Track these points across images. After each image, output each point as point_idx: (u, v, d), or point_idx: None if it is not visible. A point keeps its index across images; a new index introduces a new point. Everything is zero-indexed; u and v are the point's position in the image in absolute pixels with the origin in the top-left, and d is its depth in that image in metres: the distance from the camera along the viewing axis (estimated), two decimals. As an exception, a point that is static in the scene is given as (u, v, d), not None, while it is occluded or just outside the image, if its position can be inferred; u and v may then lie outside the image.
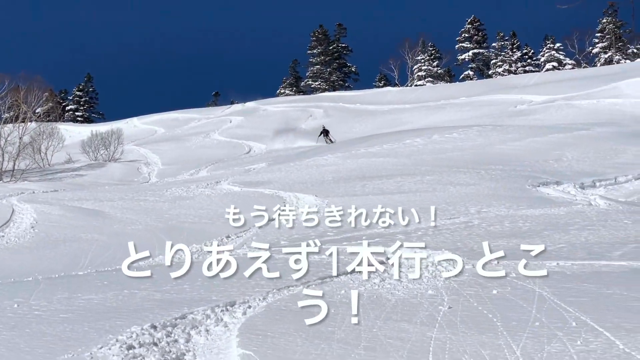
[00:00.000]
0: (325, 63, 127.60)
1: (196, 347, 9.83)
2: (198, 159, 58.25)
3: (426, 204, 24.39)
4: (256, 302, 12.04)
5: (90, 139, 67.14)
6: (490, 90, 76.84)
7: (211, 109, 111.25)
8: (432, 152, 37.68)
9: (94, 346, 9.44)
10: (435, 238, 18.04)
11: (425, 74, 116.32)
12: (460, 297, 11.61)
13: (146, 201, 32.92)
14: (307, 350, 9.19)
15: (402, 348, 9.15)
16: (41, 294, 13.51)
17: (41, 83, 67.70)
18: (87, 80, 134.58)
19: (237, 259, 12.90)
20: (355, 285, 13.08)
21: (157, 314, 11.20)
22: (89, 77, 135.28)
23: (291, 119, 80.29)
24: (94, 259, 22.48)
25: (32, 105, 60.95)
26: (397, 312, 10.92)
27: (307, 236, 21.45)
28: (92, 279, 16.00)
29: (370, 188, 29.26)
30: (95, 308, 11.96)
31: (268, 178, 36.67)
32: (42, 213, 30.15)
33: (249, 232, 24.24)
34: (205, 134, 76.46)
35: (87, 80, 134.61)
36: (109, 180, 50.80)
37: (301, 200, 29.16)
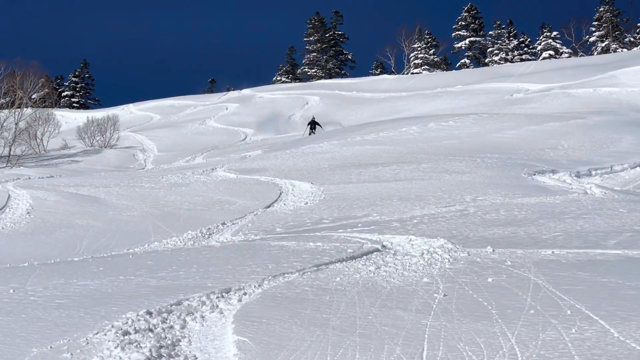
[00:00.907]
0: (321, 50, 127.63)
1: (192, 333, 9.83)
2: (194, 145, 58.29)
3: (422, 191, 24.46)
4: (252, 289, 12.03)
5: (86, 125, 67.15)
6: (486, 78, 76.89)
7: (207, 95, 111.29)
8: (428, 140, 37.69)
9: (89, 332, 9.44)
10: (431, 226, 18.05)
11: (422, 62, 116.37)
12: (455, 285, 11.62)
13: (142, 188, 32.91)
14: (303, 337, 9.20)
15: (397, 335, 9.16)
16: (37, 279, 13.51)
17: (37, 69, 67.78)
18: (83, 66, 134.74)
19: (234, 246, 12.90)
20: (350, 273, 13.09)
21: (153, 300, 11.20)
22: (85, 63, 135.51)
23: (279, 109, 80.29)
24: (90, 245, 22.51)
25: (28, 91, 60.97)
26: (393, 300, 10.93)
27: (302, 223, 21.48)
28: (88, 265, 15.99)
29: (366, 176, 29.27)
30: (91, 294, 11.95)
31: (264, 165, 36.67)
32: (37, 199, 30.15)
33: (245, 219, 24.27)
34: (201, 121, 76.49)
35: (83, 66, 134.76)
36: (104, 167, 50.82)
37: (297, 188, 29.17)
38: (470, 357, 8.24)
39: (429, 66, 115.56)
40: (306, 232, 19.42)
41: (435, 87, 76.58)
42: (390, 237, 17.02)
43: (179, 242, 21.19)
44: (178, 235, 22.54)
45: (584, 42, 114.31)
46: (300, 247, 16.42)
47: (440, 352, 8.46)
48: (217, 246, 18.32)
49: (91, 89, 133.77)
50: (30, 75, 61.90)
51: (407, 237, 16.66)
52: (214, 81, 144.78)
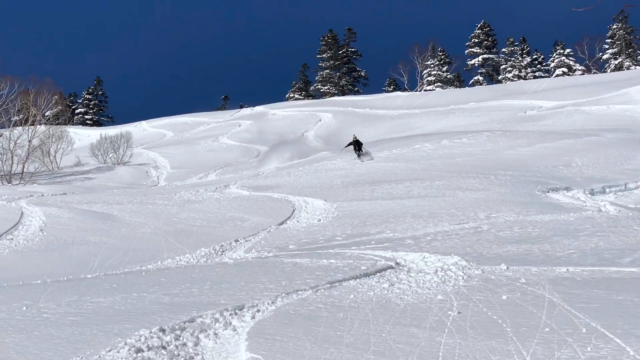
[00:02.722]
0: (334, 67, 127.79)
1: (205, 350, 9.81)
2: (207, 162, 58.35)
3: (435, 208, 24.40)
4: (265, 306, 11.99)
5: (100, 142, 67.33)
6: (499, 95, 76.83)
7: (220, 112, 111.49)
8: (441, 157, 37.67)
9: (102, 349, 9.42)
10: (445, 243, 17.99)
11: (435, 79, 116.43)
12: (469, 303, 11.56)
13: (155, 204, 32.94)
14: (317, 355, 9.15)
15: (411, 353, 9.11)
16: (50, 296, 13.52)
17: (51, 86, 67.99)
18: (96, 83, 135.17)
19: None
20: (364, 290, 13.03)
21: (166, 317, 11.19)
22: (99, 80, 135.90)
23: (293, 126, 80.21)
24: (103, 261, 22.52)
25: (42, 108, 61.14)
26: (406, 317, 10.88)
27: (316, 240, 21.45)
28: (101, 282, 15.99)
29: (379, 193, 29.26)
30: (104, 311, 11.94)
31: (277, 182, 36.68)
32: (51, 216, 30.20)
33: (258, 236, 24.24)
34: (214, 138, 76.55)
35: (97, 83, 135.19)
36: (117, 184, 50.88)
37: (310, 205, 29.15)
38: (485, 375, 8.17)
39: (442, 83, 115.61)
40: (319, 249, 19.39)
41: (448, 104, 76.56)
42: (404, 254, 16.96)
43: (192, 259, 21.18)
44: (191, 252, 22.53)
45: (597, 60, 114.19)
46: (314, 264, 16.38)
47: (454, 370, 8.39)
48: (230, 263, 18.28)
49: (104, 106, 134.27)
50: (44, 92, 62.19)
51: (420, 255, 16.59)
52: (227, 98, 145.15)
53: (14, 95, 58.67)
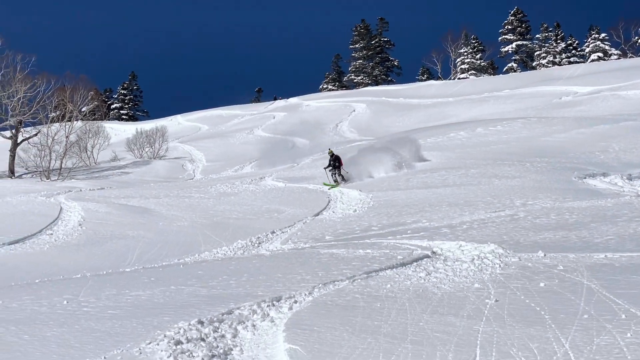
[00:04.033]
0: (367, 57, 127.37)
1: (243, 342, 9.84)
2: (242, 155, 58.45)
3: (471, 197, 24.32)
4: (302, 297, 12.02)
5: (135, 137, 67.70)
6: (534, 82, 76.26)
7: (254, 105, 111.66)
8: (476, 145, 37.52)
9: (142, 342, 9.49)
10: (481, 231, 17.93)
11: (468, 67, 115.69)
12: (507, 290, 11.52)
13: (191, 198, 33.12)
14: (354, 345, 9.16)
15: (449, 342, 9.09)
16: (90, 290, 13.64)
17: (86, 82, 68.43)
18: (131, 78, 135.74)
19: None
20: (401, 279, 13.03)
21: (204, 309, 11.24)
22: (133, 75, 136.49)
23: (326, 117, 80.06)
24: (141, 255, 22.69)
25: (78, 104, 61.49)
26: (444, 306, 10.86)
27: (352, 231, 21.47)
28: (140, 275, 16.12)
29: (415, 182, 29.20)
30: (143, 304, 12.03)
31: (312, 173, 36.74)
32: (89, 211, 30.46)
33: (294, 227, 24.30)
34: (249, 130, 76.72)
35: (132, 78, 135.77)
36: (154, 178, 51.17)
37: (345, 195, 29.17)
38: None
39: (475, 71, 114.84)
40: (355, 239, 19.39)
41: (482, 91, 76.15)
42: (440, 243, 16.92)
43: (229, 252, 21.27)
44: (228, 244, 22.64)
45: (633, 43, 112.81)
46: (350, 254, 16.40)
47: (493, 358, 8.37)
48: (267, 255, 18.35)
49: (139, 100, 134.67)
50: (80, 88, 62.53)
51: (457, 243, 16.55)
52: (260, 90, 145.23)
53: (50, 92, 59.10)
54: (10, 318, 10.94)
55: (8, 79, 56.97)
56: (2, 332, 9.97)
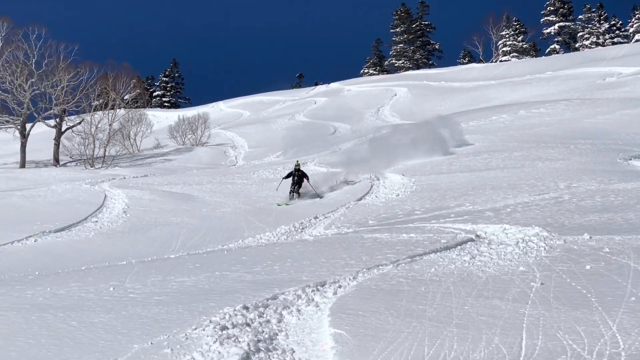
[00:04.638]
0: (408, 41, 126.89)
1: (288, 327, 9.88)
2: (284, 141, 58.51)
3: (514, 180, 24.16)
4: (346, 282, 12.02)
5: (178, 124, 68.10)
6: (577, 63, 75.43)
7: (295, 90, 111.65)
8: (519, 128, 37.25)
9: (188, 327, 9.56)
10: (525, 214, 17.82)
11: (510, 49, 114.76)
12: (552, 273, 11.45)
13: (234, 184, 33.25)
14: (399, 329, 9.16)
15: (494, 325, 9.06)
16: (135, 277, 13.75)
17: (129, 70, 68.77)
18: (172, 66, 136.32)
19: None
20: (445, 263, 13.00)
21: (249, 295, 11.29)
22: (175, 62, 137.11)
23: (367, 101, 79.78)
24: (185, 242, 22.83)
25: (121, 92, 61.93)
26: (489, 289, 10.83)
27: (395, 215, 21.44)
28: (184, 261, 16.21)
29: (457, 166, 29.07)
30: (188, 290, 12.11)
31: (354, 157, 36.65)
32: (133, 198, 30.70)
33: (337, 212, 24.31)
34: (291, 116, 76.77)
35: (173, 66, 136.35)
36: (197, 164, 51.44)
37: (388, 180, 29.11)
38: (571, 345, 8.10)
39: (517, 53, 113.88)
40: (399, 223, 19.37)
41: (524, 74, 75.49)
42: (484, 226, 16.85)
43: (273, 237, 21.34)
44: (271, 230, 22.71)
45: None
46: (394, 238, 16.39)
47: (539, 341, 8.33)
48: (310, 240, 18.38)
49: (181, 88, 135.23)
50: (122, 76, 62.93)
51: (501, 226, 16.47)
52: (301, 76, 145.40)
53: (93, 81, 59.61)
54: (59, 305, 11.07)
55: (52, 68, 57.62)
56: (51, 318, 10.09)
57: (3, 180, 39.96)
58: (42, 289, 12.65)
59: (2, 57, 55.97)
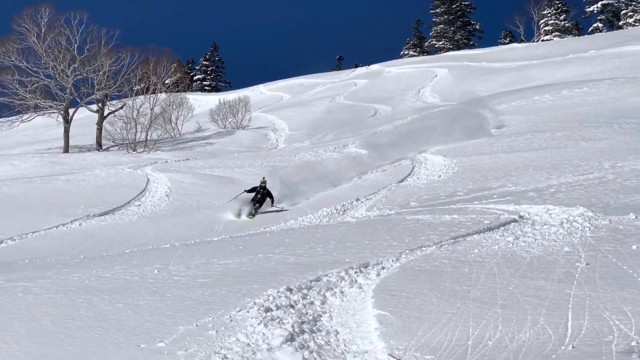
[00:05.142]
0: (448, 22, 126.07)
1: (332, 308, 9.90)
2: (324, 123, 58.45)
3: (558, 160, 23.96)
4: (389, 263, 12.01)
5: (219, 108, 68.21)
6: (621, 41, 74.41)
7: (336, 73, 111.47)
8: (562, 108, 36.87)
9: (232, 309, 9.60)
10: (569, 194, 17.67)
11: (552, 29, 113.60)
12: (597, 254, 11.35)
13: (275, 167, 33.30)
14: (443, 310, 9.14)
15: (539, 305, 9.01)
16: (179, 259, 13.84)
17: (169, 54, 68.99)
18: (213, 49, 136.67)
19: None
20: (488, 244, 12.93)
21: (292, 277, 11.33)
22: (215, 46, 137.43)
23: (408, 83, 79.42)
24: (228, 224, 22.94)
25: (162, 76, 62.14)
26: (533, 270, 10.76)
27: (437, 196, 21.36)
28: (227, 244, 16.29)
29: (500, 146, 28.88)
30: (232, 272, 12.16)
31: (395, 140, 36.54)
32: (175, 181, 30.88)
33: (379, 194, 24.28)
34: (331, 98, 76.64)
35: (213, 49, 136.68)
36: (238, 148, 51.56)
37: (429, 161, 29.01)
38: (618, 326, 8.03)
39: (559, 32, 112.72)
40: (441, 205, 19.31)
41: (567, 53, 74.62)
42: (527, 207, 16.74)
43: (315, 219, 21.37)
44: (313, 212, 22.74)
45: None
46: (436, 220, 16.34)
47: (585, 321, 8.27)
48: (352, 222, 18.38)
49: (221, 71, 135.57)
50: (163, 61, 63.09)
51: (544, 207, 16.35)
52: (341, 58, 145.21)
53: (134, 65, 59.87)
54: (104, 287, 11.17)
55: (93, 53, 57.94)
56: (97, 301, 10.18)
57: (47, 165, 40.36)
58: (87, 272, 12.79)
59: (45, 43, 56.37)
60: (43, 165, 39.87)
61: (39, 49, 56.28)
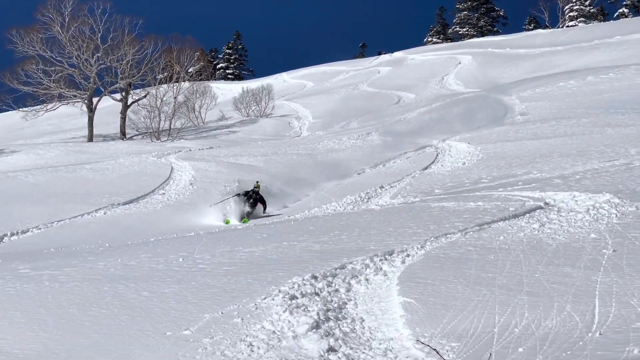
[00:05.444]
0: (472, 9, 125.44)
1: (357, 295, 9.89)
2: (348, 111, 58.36)
3: (583, 146, 23.81)
4: (414, 251, 11.98)
5: (242, 96, 68.17)
6: (646, 27, 73.82)
7: (359, 60, 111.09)
8: (587, 94, 36.63)
9: (257, 297, 9.61)
10: (595, 181, 17.55)
11: (577, 14, 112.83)
12: (624, 240, 11.27)
13: (299, 155, 33.30)
14: (469, 297, 9.11)
15: (566, 293, 8.96)
16: (204, 248, 13.86)
17: (192, 43, 68.92)
18: (235, 38, 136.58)
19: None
20: (514, 231, 12.86)
21: (317, 264, 11.32)
22: (238, 35, 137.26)
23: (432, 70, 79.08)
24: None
25: (185, 65, 62.19)
26: (559, 257, 10.70)
27: (461, 184, 21.29)
28: (252, 232, 16.30)
29: (524, 133, 28.74)
30: (257, 260, 12.17)
31: (419, 126, 36.47)
32: (199, 170, 30.95)
33: (403, 182, 24.23)
34: (354, 86, 76.42)
35: (236, 38, 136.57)
36: (261, 136, 51.57)
37: (454, 148, 28.91)
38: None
39: (584, 18, 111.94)
40: (465, 192, 19.23)
41: (592, 39, 74.03)
42: (553, 194, 16.64)
43: (339, 207, 21.35)
44: (337, 200, 22.71)
45: None
46: (461, 207, 16.26)
47: (612, 308, 8.22)
48: (377, 209, 18.34)
49: (244, 59, 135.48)
50: (186, 49, 63.13)
51: (570, 194, 16.24)
52: (364, 46, 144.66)
53: (158, 54, 59.92)
54: (130, 275, 11.21)
55: (117, 42, 58.02)
56: (122, 289, 10.22)
57: (72, 154, 40.54)
58: (113, 260, 12.83)
59: (69, 32, 56.53)
60: (68, 155, 40.05)
61: (62, 39, 56.39)
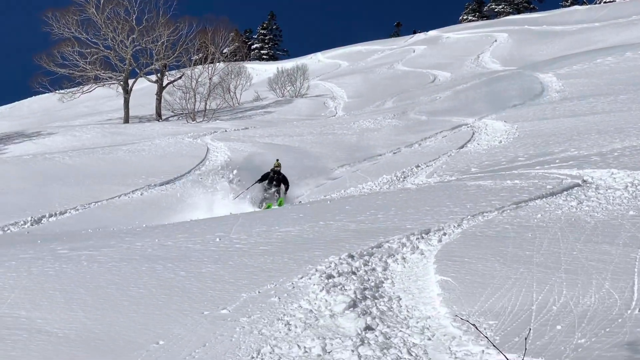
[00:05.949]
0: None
1: (394, 274, 9.87)
2: (383, 90, 58.20)
3: (622, 123, 23.57)
4: (451, 229, 11.94)
5: (277, 76, 68.25)
6: (687, 1, 72.89)
7: (394, 39, 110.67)
8: (626, 71, 36.24)
9: (294, 276, 9.63)
10: (634, 158, 17.38)
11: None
12: (664, 218, 11.18)
13: (335, 134, 33.30)
14: (506, 275, 9.06)
15: (604, 270, 8.89)
16: (241, 228, 13.87)
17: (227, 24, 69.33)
18: (270, 18, 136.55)
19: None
20: (551, 209, 12.78)
21: (354, 243, 11.30)
22: (272, 15, 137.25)
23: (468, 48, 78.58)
24: (288, 192, 23.00)
25: (220, 46, 62.27)
26: (598, 234, 10.62)
27: (498, 162, 21.18)
28: (288, 212, 16.31)
29: (561, 111, 28.51)
30: (293, 240, 12.17)
31: (454, 105, 36.31)
32: (235, 150, 31.03)
33: (439, 161, 24.14)
34: (389, 65, 76.19)
35: (271, 18, 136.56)
36: (296, 116, 51.58)
37: (490, 127, 28.76)
38: (686, 290, 7.90)
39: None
40: (502, 170, 19.13)
41: (630, 14, 73.17)
42: (591, 171, 16.51)
43: (375, 187, 21.33)
44: (373, 179, 22.68)
45: None
46: (497, 185, 16.18)
47: (652, 285, 8.15)
48: (413, 188, 18.30)
49: (279, 40, 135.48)
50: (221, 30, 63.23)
51: (608, 171, 16.11)
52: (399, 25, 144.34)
53: (192, 35, 60.07)
54: (167, 255, 11.26)
55: (152, 23, 58.22)
56: (160, 269, 10.27)
57: (108, 135, 40.79)
58: (150, 240, 12.89)
59: (104, 14, 56.81)
60: (104, 136, 40.30)
61: (98, 20, 56.69)
